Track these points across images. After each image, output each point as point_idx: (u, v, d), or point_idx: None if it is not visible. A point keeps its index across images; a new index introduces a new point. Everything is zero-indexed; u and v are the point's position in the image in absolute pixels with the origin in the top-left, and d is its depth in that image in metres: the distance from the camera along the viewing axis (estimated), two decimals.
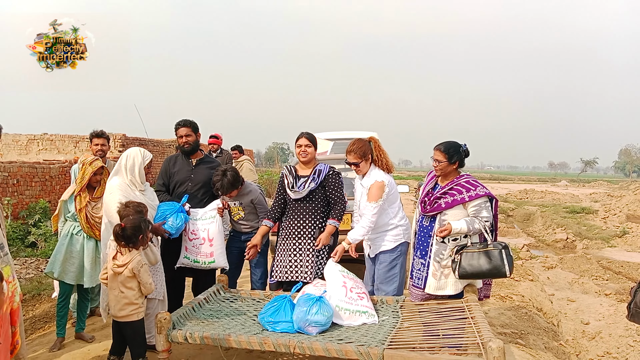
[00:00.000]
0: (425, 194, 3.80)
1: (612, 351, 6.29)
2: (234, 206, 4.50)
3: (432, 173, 3.90)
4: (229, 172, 4.28)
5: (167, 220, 4.00)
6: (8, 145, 16.15)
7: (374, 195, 3.95)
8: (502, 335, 4.90)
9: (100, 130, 5.02)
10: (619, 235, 15.77)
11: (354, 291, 3.60)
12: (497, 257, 3.45)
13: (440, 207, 3.64)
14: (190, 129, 4.44)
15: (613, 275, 10.93)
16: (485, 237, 3.57)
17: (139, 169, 3.98)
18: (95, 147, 4.98)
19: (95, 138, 4.99)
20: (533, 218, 21.29)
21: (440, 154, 3.66)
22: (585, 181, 61.23)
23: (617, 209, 19.37)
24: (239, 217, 4.53)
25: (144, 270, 3.40)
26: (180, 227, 4.06)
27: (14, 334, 2.54)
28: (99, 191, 4.16)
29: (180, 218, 4.04)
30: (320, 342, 3.06)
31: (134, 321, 3.43)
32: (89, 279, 4.16)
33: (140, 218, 3.50)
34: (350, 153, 4.09)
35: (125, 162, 3.97)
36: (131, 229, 3.39)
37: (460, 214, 3.61)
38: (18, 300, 2.61)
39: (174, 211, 4.05)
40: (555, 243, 15.85)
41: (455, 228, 3.52)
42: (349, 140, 8.51)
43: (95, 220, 4.11)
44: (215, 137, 7.79)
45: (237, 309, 3.83)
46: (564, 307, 8.05)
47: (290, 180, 4.17)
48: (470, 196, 3.56)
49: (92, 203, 4.13)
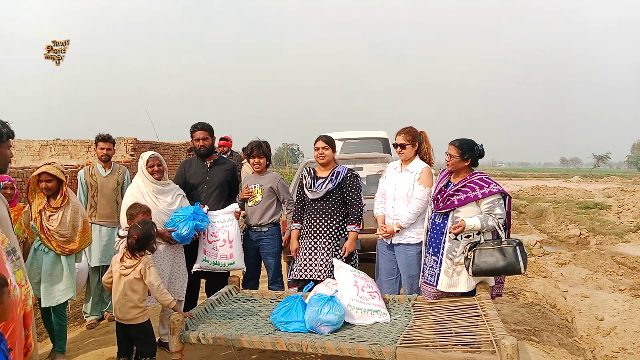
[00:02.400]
0: (437, 192, 3.80)
1: (627, 347, 6.22)
2: (254, 189, 4.49)
3: (445, 171, 3.91)
4: (266, 142, 4.54)
5: (178, 227, 3.99)
6: (21, 151, 16.34)
7: (426, 180, 4.02)
8: (515, 333, 4.87)
9: (107, 134, 5.01)
10: (632, 230, 15.57)
11: (366, 290, 3.60)
12: (511, 253, 3.44)
13: (453, 205, 3.63)
14: (207, 132, 4.52)
15: (627, 271, 10.80)
16: (499, 234, 3.56)
17: (143, 171, 4.11)
18: (101, 151, 4.96)
19: (100, 142, 4.97)
20: (546, 214, 21.09)
21: (454, 148, 3.70)
22: (598, 176, 60.61)
23: (631, 204, 19.16)
24: (255, 202, 4.48)
25: (152, 271, 3.41)
26: (186, 236, 4.01)
27: (27, 336, 2.57)
28: (59, 202, 3.83)
29: (189, 226, 4.00)
30: (333, 341, 3.07)
31: (140, 323, 3.45)
32: (46, 297, 3.80)
33: (149, 225, 3.53)
34: (401, 134, 4.14)
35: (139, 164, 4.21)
36: (144, 238, 3.44)
37: (473, 211, 3.61)
38: (31, 304, 2.63)
39: (185, 219, 4.02)
40: (568, 239, 15.69)
41: (469, 225, 3.52)
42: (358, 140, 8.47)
43: (51, 232, 3.81)
44: (225, 139, 7.81)
45: (249, 310, 3.84)
46: (577, 303, 7.98)
47: (309, 181, 4.25)
48: (484, 193, 3.56)
49: (47, 212, 3.82)
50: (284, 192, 4.52)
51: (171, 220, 4.05)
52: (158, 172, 4.12)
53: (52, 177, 3.77)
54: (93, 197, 4.85)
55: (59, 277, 3.85)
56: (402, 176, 4.14)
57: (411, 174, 4.09)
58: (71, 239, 3.89)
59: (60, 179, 3.81)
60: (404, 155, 4.15)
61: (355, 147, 8.38)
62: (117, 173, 4.99)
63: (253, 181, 4.52)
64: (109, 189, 4.87)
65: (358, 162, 7.20)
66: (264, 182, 4.49)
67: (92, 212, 4.81)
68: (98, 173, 4.91)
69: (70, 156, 15.83)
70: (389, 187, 4.20)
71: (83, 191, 4.87)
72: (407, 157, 4.15)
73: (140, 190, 4.09)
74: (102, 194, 4.86)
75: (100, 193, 4.86)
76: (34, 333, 2.77)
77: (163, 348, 4.03)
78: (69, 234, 3.87)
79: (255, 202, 4.48)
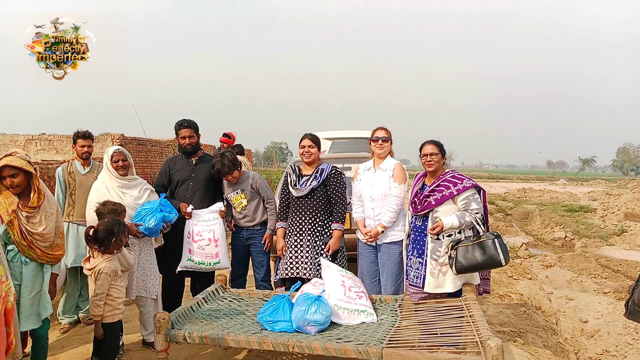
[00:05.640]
0: (414, 195, 3.85)
1: (610, 349, 6.29)
2: (237, 195, 4.46)
3: (419, 175, 4.00)
4: (227, 153, 4.38)
5: (145, 220, 3.88)
6: (6, 145, 16.12)
7: (400, 177, 4.10)
8: (500, 334, 4.90)
9: (86, 131, 4.77)
10: (617, 233, 15.77)
11: (353, 290, 3.61)
12: (490, 247, 3.49)
13: (430, 205, 3.68)
14: (192, 130, 4.48)
15: (611, 274, 10.93)
16: (478, 230, 3.60)
17: (108, 166, 4.01)
18: (81, 148, 4.71)
19: (80, 139, 4.72)
20: (532, 217, 21.28)
21: (435, 147, 3.78)
22: (584, 180, 61.30)
23: (616, 208, 19.40)
24: (242, 207, 4.46)
25: (101, 278, 3.32)
26: (154, 228, 3.89)
27: (8, 333, 2.54)
28: (35, 199, 3.14)
29: (156, 218, 3.89)
30: (319, 341, 3.06)
31: (110, 323, 3.41)
32: (25, 318, 3.09)
33: (115, 221, 3.45)
34: (382, 129, 4.24)
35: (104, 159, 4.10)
36: (103, 231, 3.35)
37: (451, 209, 3.67)
38: (12, 300, 2.59)
39: (152, 211, 3.92)
40: (553, 242, 15.84)
41: (447, 223, 3.57)
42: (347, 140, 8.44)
43: (34, 236, 3.13)
44: (227, 136, 7.63)
45: (236, 309, 3.83)
46: (562, 306, 8.05)
47: (293, 179, 4.25)
48: (458, 189, 3.63)
49: (23, 213, 3.10)
50: (264, 189, 4.49)
51: (137, 213, 3.93)
52: (123, 167, 3.99)
53: (16, 170, 3.05)
54: (71, 195, 4.67)
55: (40, 292, 3.19)
56: (377, 176, 4.18)
57: (385, 172, 4.15)
58: (54, 244, 3.28)
59: (28, 170, 3.09)
60: (384, 150, 4.20)
61: (343, 146, 8.36)
62: (97, 171, 4.68)
63: (232, 189, 4.48)
64: (87, 187, 4.44)
65: (347, 162, 7.20)
66: (244, 186, 4.47)
67: (70, 211, 4.65)
68: (77, 171, 4.72)
69: (56, 151, 15.65)
70: (365, 189, 4.23)
71: (61, 189, 4.68)
72: (386, 152, 4.22)
73: (106, 185, 4.00)
74: (80, 192, 4.63)
75: (78, 191, 4.65)
76: (16, 330, 2.73)
77: (148, 347, 4.01)
78: (53, 238, 3.26)
79: (242, 207, 4.46)
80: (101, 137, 15.44)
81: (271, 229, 4.45)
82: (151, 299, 4.01)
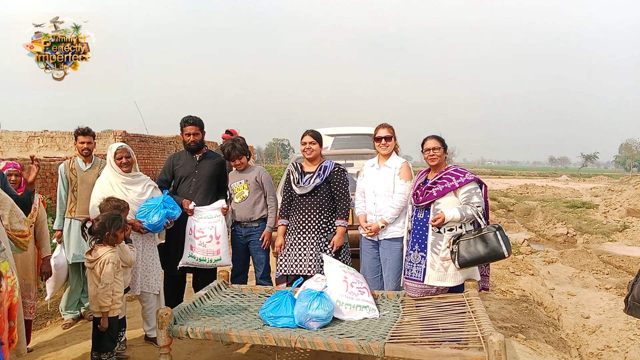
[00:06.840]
0: (417, 187, 3.87)
1: (612, 345, 6.30)
2: (239, 185, 4.46)
3: (422, 171, 4.02)
4: (240, 138, 4.44)
5: (148, 216, 3.90)
6: (8, 142, 16.15)
7: (407, 174, 4.10)
8: (502, 329, 4.91)
9: (86, 128, 4.77)
10: (619, 229, 15.77)
11: (355, 286, 3.61)
12: (492, 239, 3.51)
13: (432, 196, 3.70)
14: (197, 127, 4.50)
15: (613, 270, 10.93)
16: (479, 223, 3.61)
17: (111, 163, 4.03)
18: (81, 145, 4.72)
19: (80, 136, 4.73)
20: (534, 213, 21.28)
21: (438, 142, 3.82)
22: (586, 176, 61.20)
23: (618, 204, 19.40)
24: (242, 198, 4.44)
25: (108, 268, 3.32)
26: (157, 224, 3.91)
27: (12, 329, 2.54)
28: None
29: (160, 214, 3.91)
30: (322, 336, 3.07)
31: (108, 317, 3.40)
32: None
33: (111, 216, 3.46)
34: (384, 127, 4.23)
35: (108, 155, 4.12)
36: (98, 224, 3.38)
37: (453, 202, 3.68)
38: (17, 295, 2.60)
39: (155, 207, 3.94)
40: (555, 237, 15.86)
41: (448, 216, 3.59)
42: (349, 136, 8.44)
43: None
44: (229, 132, 7.65)
45: (239, 305, 3.83)
46: (564, 301, 8.06)
47: (296, 176, 4.24)
48: (460, 182, 3.66)
49: None
50: (268, 184, 4.49)
51: (140, 209, 3.95)
52: (126, 164, 4.00)
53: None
54: (73, 191, 4.70)
55: None
56: (382, 172, 4.18)
57: (390, 169, 4.15)
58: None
59: None
60: (388, 148, 4.20)
61: (346, 143, 8.37)
62: (98, 167, 4.73)
63: (237, 178, 4.49)
64: (89, 184, 4.53)
65: (349, 158, 7.20)
66: (249, 177, 4.46)
67: (72, 207, 4.68)
68: (78, 167, 4.74)
69: (58, 148, 15.67)
70: (369, 184, 4.23)
71: (64, 185, 4.71)
72: (389, 150, 4.21)
73: (109, 181, 4.01)
74: (82, 188, 4.67)
75: (80, 187, 4.69)
76: (20, 326, 2.73)
77: (151, 342, 4.02)
78: None
79: (242, 197, 4.45)
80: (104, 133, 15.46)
81: (270, 227, 4.45)
82: (154, 295, 4.02)
